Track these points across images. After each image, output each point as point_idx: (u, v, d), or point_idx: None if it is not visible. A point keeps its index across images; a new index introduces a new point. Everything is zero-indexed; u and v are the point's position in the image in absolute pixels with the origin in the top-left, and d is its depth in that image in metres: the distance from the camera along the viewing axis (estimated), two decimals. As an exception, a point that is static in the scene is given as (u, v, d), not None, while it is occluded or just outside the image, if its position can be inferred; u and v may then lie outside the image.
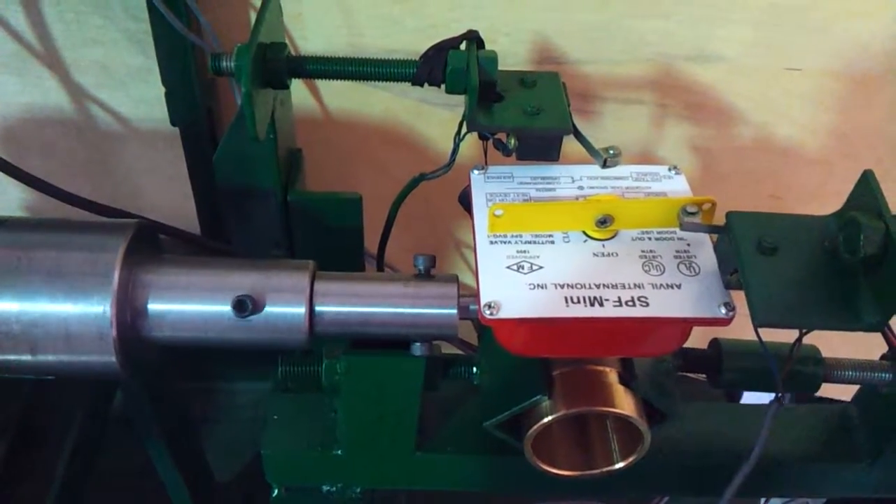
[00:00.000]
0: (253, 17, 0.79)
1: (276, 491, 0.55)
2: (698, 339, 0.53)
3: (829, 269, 0.36)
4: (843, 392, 0.59)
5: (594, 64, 0.82)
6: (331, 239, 0.50)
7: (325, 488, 0.54)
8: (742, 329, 0.49)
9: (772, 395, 0.43)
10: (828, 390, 0.57)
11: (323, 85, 0.83)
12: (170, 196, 0.94)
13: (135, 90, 0.86)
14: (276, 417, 0.52)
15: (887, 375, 0.49)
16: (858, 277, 0.35)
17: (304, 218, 0.51)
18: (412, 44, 0.80)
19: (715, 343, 0.50)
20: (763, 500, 0.89)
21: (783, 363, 0.42)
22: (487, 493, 0.56)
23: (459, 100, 0.85)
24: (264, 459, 0.52)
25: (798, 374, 0.48)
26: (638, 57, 0.83)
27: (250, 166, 0.48)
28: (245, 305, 0.38)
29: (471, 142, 0.54)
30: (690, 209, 0.38)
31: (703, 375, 0.52)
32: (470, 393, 0.56)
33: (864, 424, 0.54)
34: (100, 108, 0.88)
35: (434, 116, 0.87)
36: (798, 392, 0.49)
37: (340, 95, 0.84)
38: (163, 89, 0.82)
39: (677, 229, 0.42)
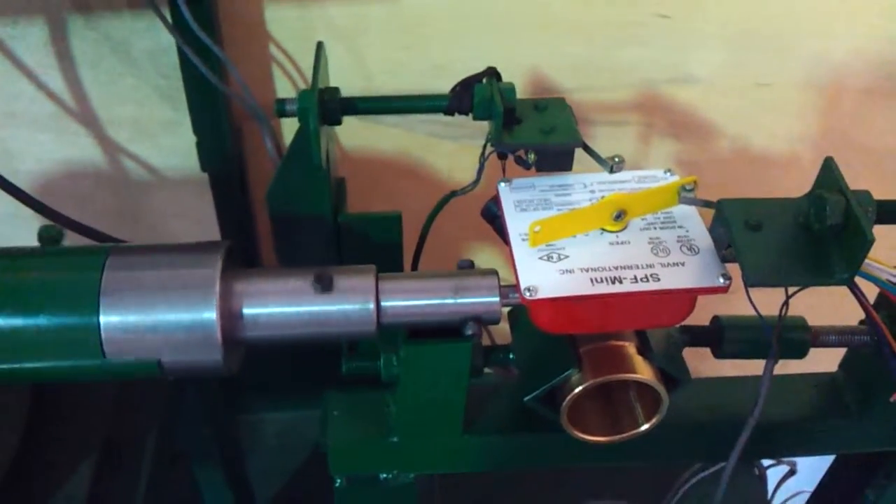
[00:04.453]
0: (275, 69, 0.87)
1: (338, 482, 0.61)
2: (702, 319, 0.61)
3: (804, 239, 0.44)
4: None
5: (584, 92, 0.91)
6: (374, 254, 0.58)
7: (382, 476, 0.61)
8: (738, 307, 0.57)
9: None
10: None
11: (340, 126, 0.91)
12: (198, 237, 1.01)
13: (165, 141, 0.93)
14: (336, 413, 0.59)
15: (866, 338, 0.57)
16: (828, 243, 0.43)
17: (352, 238, 0.59)
18: (419, 84, 0.88)
19: (716, 319, 0.58)
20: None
21: (774, 327, 0.50)
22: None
23: (464, 132, 0.94)
24: (329, 452, 0.59)
25: (788, 340, 0.56)
26: (623, 83, 0.91)
27: (304, 196, 0.56)
28: (326, 280, 0.45)
29: (466, 166, 0.62)
30: (688, 187, 0.47)
31: (708, 348, 0.60)
32: (503, 383, 0.63)
33: (851, 385, 0.62)
34: (132, 161, 0.95)
35: (441, 149, 0.95)
36: (789, 357, 0.57)
37: (356, 135, 0.92)
38: (193, 139, 0.89)
39: (677, 221, 0.50)
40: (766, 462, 1.16)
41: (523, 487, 1.04)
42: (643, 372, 0.50)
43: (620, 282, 0.46)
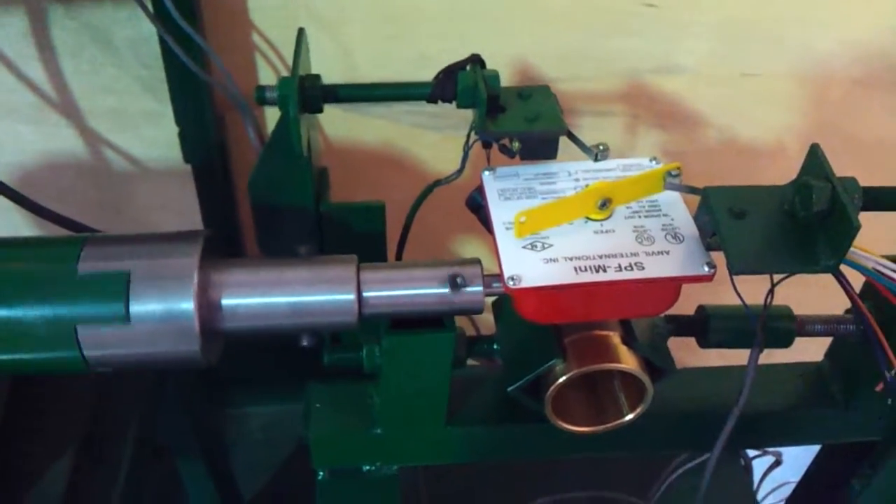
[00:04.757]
0: (258, 58, 0.86)
1: (321, 475, 0.61)
2: (687, 309, 0.60)
3: (790, 226, 0.44)
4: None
5: (569, 82, 0.90)
6: (357, 244, 0.57)
7: (365, 468, 0.60)
8: (724, 297, 0.57)
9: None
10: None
11: (322, 116, 0.90)
12: (181, 229, 1.00)
13: (147, 132, 0.92)
14: (318, 406, 0.59)
15: (851, 327, 0.57)
16: (813, 230, 0.43)
17: (334, 227, 0.58)
18: (404, 74, 0.87)
19: (701, 308, 0.57)
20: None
21: (760, 315, 0.49)
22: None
23: (448, 123, 0.94)
24: (311, 444, 0.58)
25: (774, 329, 0.56)
26: (608, 73, 0.91)
27: (286, 185, 0.55)
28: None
29: (450, 157, 0.61)
30: (673, 173, 0.46)
31: (693, 339, 0.60)
32: (486, 374, 0.63)
33: (837, 375, 0.62)
34: (113, 152, 0.94)
35: (425, 139, 0.94)
36: (775, 346, 0.57)
37: (339, 125, 0.91)
38: (175, 130, 0.88)
39: (662, 209, 0.50)
40: (751, 453, 1.16)
41: (507, 478, 1.04)
42: (627, 361, 0.50)
43: (605, 270, 0.46)
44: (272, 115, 0.90)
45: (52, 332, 0.44)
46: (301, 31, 0.54)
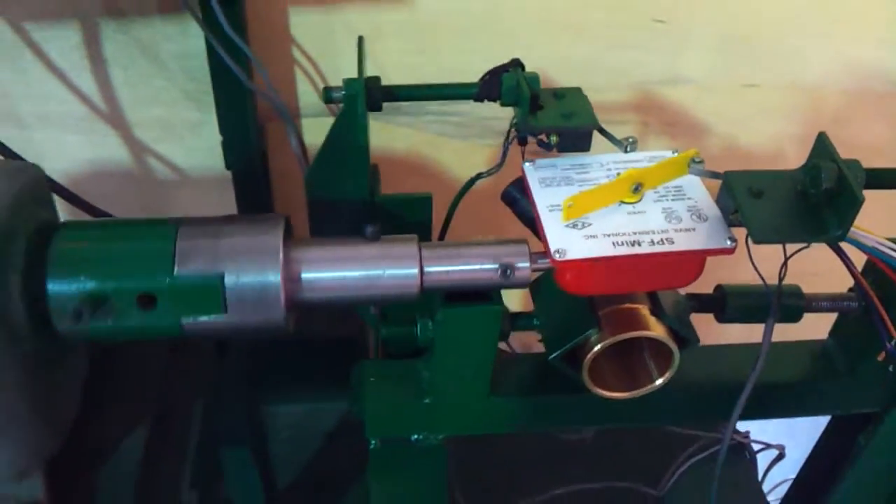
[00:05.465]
0: (297, 71, 0.93)
1: (373, 443, 0.66)
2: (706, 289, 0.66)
3: (802, 203, 0.50)
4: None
5: (584, 92, 0.97)
6: (407, 232, 0.63)
7: (413, 437, 0.66)
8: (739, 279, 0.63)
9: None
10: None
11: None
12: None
13: (190, 142, 0.98)
14: (372, 379, 0.65)
15: (854, 303, 0.63)
16: (822, 206, 0.50)
17: (386, 218, 0.64)
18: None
19: (719, 287, 0.64)
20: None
21: (774, 288, 0.56)
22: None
23: (471, 132, 1.00)
24: (366, 415, 0.64)
25: (785, 306, 0.62)
26: (619, 84, 0.97)
27: (345, 178, 0.61)
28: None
29: (473, 163, 0.66)
30: (697, 160, 0.53)
31: (710, 322, 0.66)
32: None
33: (841, 350, 0.68)
34: (157, 161, 0.99)
35: (449, 146, 1.01)
36: (785, 321, 0.63)
37: (371, 135, 0.97)
38: (216, 139, 0.94)
39: (686, 193, 0.56)
40: (755, 447, 1.22)
41: (521, 470, 1.09)
42: (656, 329, 0.56)
43: (639, 245, 0.52)
44: (308, 126, 0.97)
45: (154, 314, 0.50)
46: (361, 39, 0.61)
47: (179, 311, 0.50)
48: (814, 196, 0.50)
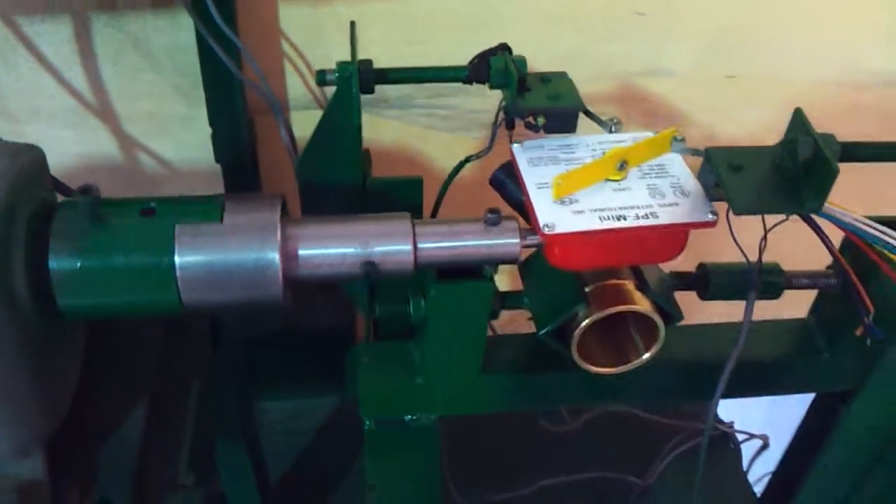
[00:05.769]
0: (286, 64, 0.94)
1: (367, 424, 0.68)
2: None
3: (780, 177, 0.52)
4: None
5: (568, 83, 0.99)
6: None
7: (407, 418, 0.67)
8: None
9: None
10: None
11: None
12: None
13: (180, 136, 0.99)
14: (366, 360, 0.66)
15: (832, 280, 0.65)
16: (799, 179, 0.52)
17: (378, 201, 0.66)
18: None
19: (702, 265, 0.66)
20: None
21: (755, 263, 0.58)
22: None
23: (458, 125, 1.02)
24: (360, 395, 0.65)
25: (765, 283, 0.64)
26: (602, 75, 0.99)
27: (337, 162, 0.63)
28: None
29: (460, 155, 0.68)
30: (678, 138, 0.55)
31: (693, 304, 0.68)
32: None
33: (820, 327, 0.70)
34: (147, 154, 1.00)
35: (437, 139, 1.02)
36: (766, 297, 0.65)
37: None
38: (205, 133, 0.95)
39: (669, 171, 0.58)
40: (740, 437, 1.25)
41: (510, 461, 1.10)
42: (642, 304, 0.58)
43: (625, 219, 0.54)
44: (297, 119, 0.98)
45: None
46: (353, 24, 0.62)
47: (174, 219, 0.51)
48: (791, 169, 0.52)
